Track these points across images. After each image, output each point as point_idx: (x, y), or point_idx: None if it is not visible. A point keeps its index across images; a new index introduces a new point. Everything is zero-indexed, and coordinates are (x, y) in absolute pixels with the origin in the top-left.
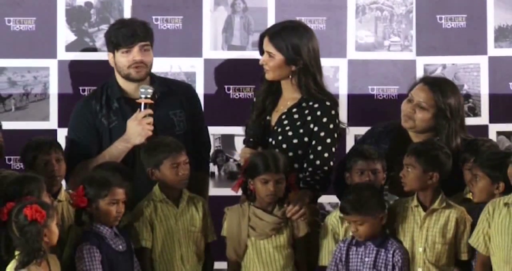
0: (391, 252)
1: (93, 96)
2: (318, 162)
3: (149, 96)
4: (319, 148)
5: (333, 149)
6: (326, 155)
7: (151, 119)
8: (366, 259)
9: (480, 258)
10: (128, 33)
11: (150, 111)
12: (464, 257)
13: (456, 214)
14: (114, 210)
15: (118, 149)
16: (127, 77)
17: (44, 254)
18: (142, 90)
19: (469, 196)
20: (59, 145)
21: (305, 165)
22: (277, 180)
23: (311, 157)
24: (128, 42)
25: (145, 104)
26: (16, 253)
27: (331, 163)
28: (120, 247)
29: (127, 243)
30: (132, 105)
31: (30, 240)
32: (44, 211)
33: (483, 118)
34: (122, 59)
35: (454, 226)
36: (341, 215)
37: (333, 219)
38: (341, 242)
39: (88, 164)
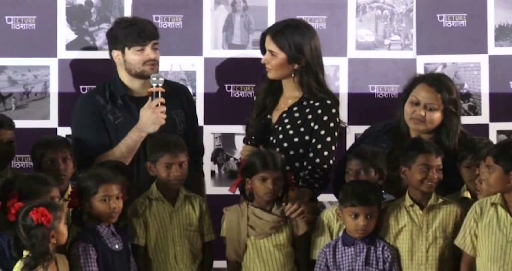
0: (380, 248)
1: (96, 91)
2: (317, 160)
3: (160, 85)
4: (319, 146)
5: (333, 148)
6: (326, 153)
7: (164, 108)
8: (359, 258)
9: (467, 259)
10: (141, 31)
11: (162, 99)
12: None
13: (455, 208)
14: (107, 206)
15: (132, 139)
16: (140, 75)
17: (50, 257)
18: (154, 78)
19: (466, 195)
20: (68, 144)
21: (304, 163)
22: (275, 177)
23: (311, 155)
24: (141, 40)
25: (157, 92)
26: (25, 253)
27: (331, 162)
28: (117, 246)
29: (124, 242)
30: (137, 102)
31: (37, 244)
32: (50, 214)
33: (484, 117)
34: (135, 57)
35: (453, 219)
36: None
37: (329, 213)
38: (324, 248)
39: (105, 158)
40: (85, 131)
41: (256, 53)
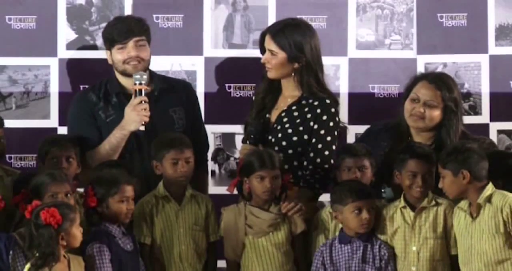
0: (377, 246)
1: (90, 89)
2: (318, 160)
3: (143, 82)
4: (319, 146)
5: (333, 147)
6: (326, 152)
7: (146, 105)
8: (355, 255)
9: None
10: (123, 29)
11: (144, 98)
12: (454, 251)
13: (444, 207)
14: (125, 207)
15: (116, 137)
16: (123, 73)
17: (57, 259)
18: (137, 76)
19: None
20: (74, 144)
21: (305, 163)
22: (273, 176)
23: (311, 155)
24: (122, 37)
25: (140, 90)
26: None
27: (332, 161)
28: (128, 246)
29: (134, 242)
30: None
31: (42, 243)
32: (59, 216)
33: (484, 117)
34: (118, 56)
35: (443, 219)
36: (331, 210)
37: (323, 214)
38: (321, 246)
39: (91, 155)
40: (75, 128)
41: (256, 52)
